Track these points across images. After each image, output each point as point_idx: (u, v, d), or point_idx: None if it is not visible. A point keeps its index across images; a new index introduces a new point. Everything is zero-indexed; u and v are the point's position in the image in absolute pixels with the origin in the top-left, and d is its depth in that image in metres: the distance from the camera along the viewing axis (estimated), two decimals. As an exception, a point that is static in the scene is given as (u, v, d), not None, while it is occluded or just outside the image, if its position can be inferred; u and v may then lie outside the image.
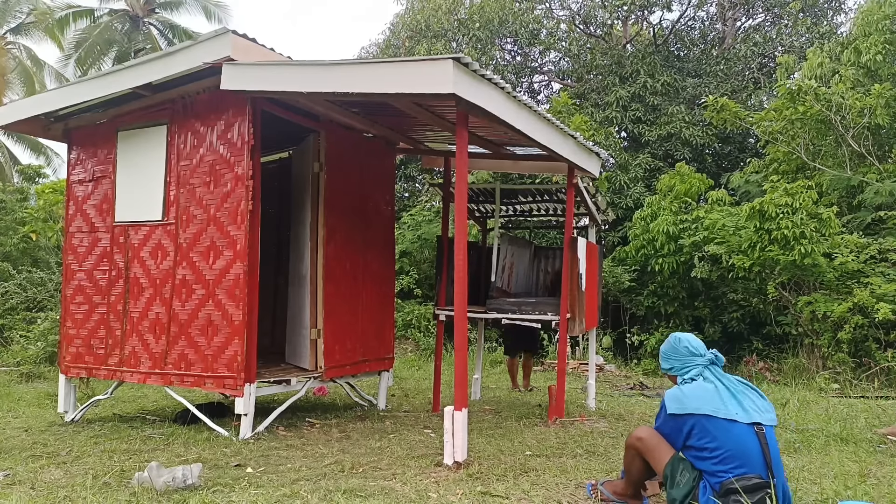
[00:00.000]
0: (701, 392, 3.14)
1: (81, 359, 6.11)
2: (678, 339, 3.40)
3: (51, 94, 6.57)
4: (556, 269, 7.47)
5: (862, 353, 9.53)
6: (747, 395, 3.16)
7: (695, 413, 3.08)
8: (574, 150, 5.80)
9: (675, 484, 3.12)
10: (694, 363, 3.29)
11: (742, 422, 3.04)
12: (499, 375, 10.21)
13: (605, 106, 17.41)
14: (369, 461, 4.38)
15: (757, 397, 3.19)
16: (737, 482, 2.95)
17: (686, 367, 3.30)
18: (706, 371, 3.26)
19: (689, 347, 3.32)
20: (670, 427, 3.20)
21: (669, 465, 3.18)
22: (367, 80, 4.35)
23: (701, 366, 3.27)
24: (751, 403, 3.12)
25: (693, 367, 3.28)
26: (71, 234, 6.33)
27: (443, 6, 19.57)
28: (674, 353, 3.37)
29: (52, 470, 4.25)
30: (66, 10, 23.01)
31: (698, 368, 3.27)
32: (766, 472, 3.00)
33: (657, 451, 3.24)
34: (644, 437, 3.30)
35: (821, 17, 18.95)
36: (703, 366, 3.28)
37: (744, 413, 3.07)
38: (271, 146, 6.80)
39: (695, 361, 3.29)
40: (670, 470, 3.17)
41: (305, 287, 6.02)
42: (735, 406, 3.08)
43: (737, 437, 3.02)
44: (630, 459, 3.39)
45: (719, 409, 3.06)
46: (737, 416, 3.04)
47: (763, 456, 3.01)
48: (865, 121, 11.29)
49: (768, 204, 10.06)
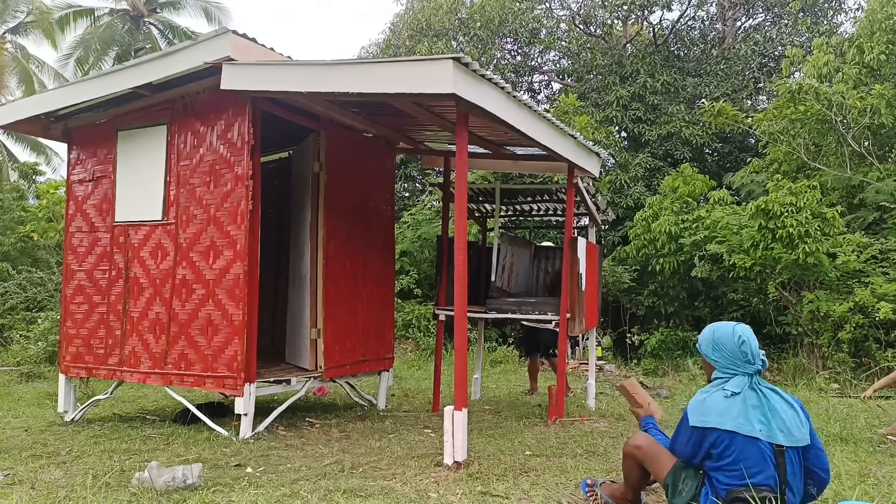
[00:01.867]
0: (726, 407, 2.90)
1: (81, 359, 6.12)
2: (739, 335, 3.01)
3: (51, 93, 6.57)
4: (556, 269, 7.47)
5: (862, 352, 9.52)
6: (775, 411, 2.92)
7: (718, 428, 2.88)
8: (574, 150, 5.80)
9: (678, 493, 3.06)
10: (742, 371, 2.97)
11: (763, 439, 2.86)
12: (499, 375, 10.21)
13: (605, 105, 17.40)
14: (369, 461, 4.38)
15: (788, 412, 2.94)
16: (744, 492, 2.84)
17: (732, 369, 2.99)
18: (747, 379, 2.96)
19: (748, 353, 2.97)
20: (693, 440, 2.98)
21: (671, 475, 3.11)
22: (367, 80, 4.35)
23: (748, 375, 2.97)
24: (778, 421, 2.89)
25: (739, 374, 2.97)
26: (71, 234, 6.33)
27: (444, 5, 19.57)
28: (728, 349, 3.01)
29: (52, 470, 4.26)
30: (67, 9, 23.01)
31: (744, 378, 2.96)
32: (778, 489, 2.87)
33: (657, 459, 3.18)
34: (643, 445, 3.24)
35: (821, 16, 18.95)
36: (750, 375, 2.97)
37: (767, 430, 2.87)
38: (271, 146, 6.80)
39: (744, 369, 2.97)
40: (672, 479, 3.10)
41: (305, 287, 6.02)
42: (760, 422, 2.88)
43: (756, 455, 2.86)
44: (629, 467, 3.34)
45: (743, 426, 2.85)
46: (760, 433, 2.85)
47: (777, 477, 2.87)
48: (867, 120, 11.29)
49: (773, 202, 10.05)
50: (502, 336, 13.26)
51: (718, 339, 3.05)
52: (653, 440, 3.25)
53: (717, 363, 3.04)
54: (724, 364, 3.01)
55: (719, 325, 3.16)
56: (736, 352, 2.99)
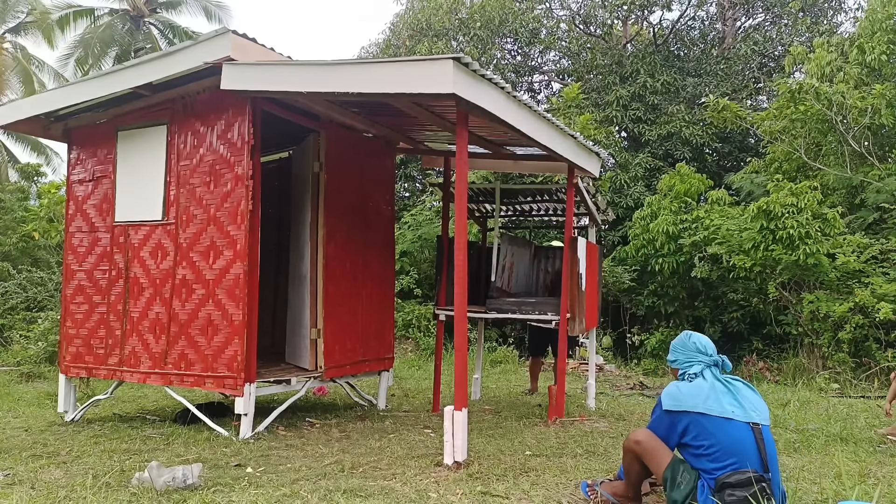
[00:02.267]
0: (696, 390, 3.19)
1: (81, 358, 6.11)
2: (689, 335, 3.47)
3: (51, 93, 6.57)
4: (556, 269, 7.47)
5: (862, 353, 9.53)
6: (744, 395, 3.20)
7: (690, 410, 3.13)
8: (574, 150, 5.80)
9: (676, 486, 3.13)
10: (697, 359, 3.34)
11: (738, 419, 3.08)
12: (499, 375, 10.21)
13: (605, 105, 17.41)
14: (369, 461, 4.38)
15: (754, 396, 3.23)
16: (731, 476, 2.99)
17: (689, 362, 3.36)
18: (707, 370, 3.30)
19: (697, 345, 3.38)
20: (666, 424, 3.24)
21: (670, 468, 3.18)
22: (367, 80, 4.35)
23: (703, 364, 3.32)
24: (748, 403, 3.16)
25: (696, 363, 3.33)
26: (71, 234, 6.32)
27: (444, 5, 19.57)
28: (682, 347, 3.43)
29: (52, 470, 4.26)
30: (67, 9, 23.01)
31: (700, 366, 3.31)
32: (762, 468, 3.03)
33: (656, 454, 3.25)
34: (642, 440, 3.30)
35: (820, 16, 18.96)
36: (706, 365, 3.32)
37: (741, 411, 3.11)
38: (271, 146, 6.79)
39: (698, 358, 3.34)
40: (671, 473, 3.17)
41: (305, 287, 6.02)
42: (731, 404, 3.12)
43: (732, 435, 3.06)
44: (629, 462, 3.40)
45: (713, 408, 3.11)
46: (733, 415, 3.09)
47: (759, 453, 3.05)
48: (867, 120, 11.29)
49: (774, 203, 10.05)
50: (502, 336, 13.26)
51: (673, 344, 3.52)
52: (652, 435, 3.30)
53: (678, 361, 3.44)
54: (683, 360, 3.40)
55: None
56: (688, 344, 3.42)
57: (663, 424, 3.25)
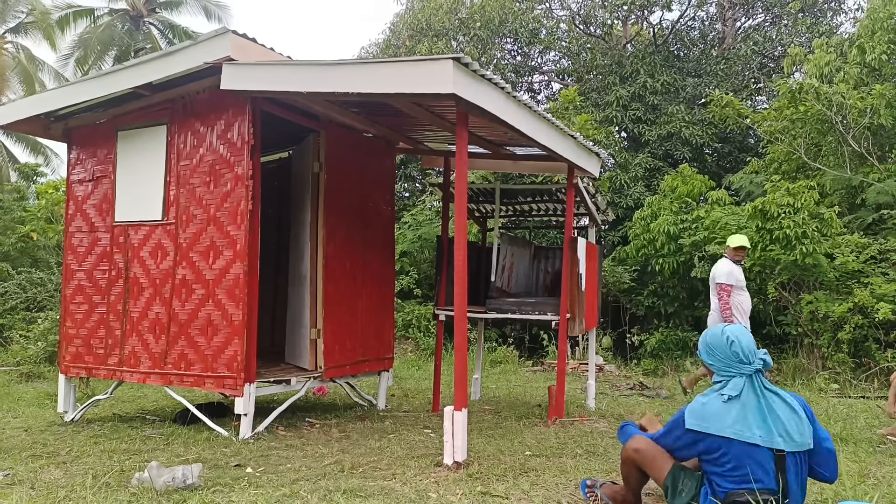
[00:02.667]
0: (725, 413, 2.94)
1: (81, 359, 6.11)
2: (730, 341, 3.06)
3: (51, 93, 6.56)
4: (556, 269, 7.47)
5: (862, 353, 9.52)
6: (777, 415, 2.94)
7: (715, 434, 2.93)
8: (574, 150, 5.80)
9: (678, 493, 3.07)
10: (739, 371, 3.01)
11: (763, 446, 2.89)
12: (499, 375, 10.21)
13: (605, 105, 17.40)
14: (369, 461, 4.38)
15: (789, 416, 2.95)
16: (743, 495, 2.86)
17: (729, 371, 3.04)
18: (747, 381, 3.00)
19: (740, 354, 3.02)
20: (684, 440, 3.04)
21: (670, 476, 3.11)
22: (367, 80, 4.35)
23: (745, 375, 3.00)
24: (780, 426, 2.92)
25: (736, 375, 3.01)
26: (71, 234, 6.32)
27: (444, 5, 19.57)
28: (721, 353, 3.07)
29: (51, 470, 4.25)
30: (67, 9, 23.02)
31: (742, 379, 3.00)
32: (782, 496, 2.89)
33: (656, 463, 3.17)
34: (641, 448, 3.23)
35: (820, 17, 18.95)
36: (748, 375, 3.01)
37: (768, 436, 2.90)
38: (271, 146, 6.80)
39: (740, 370, 3.01)
40: (671, 481, 3.11)
41: (305, 287, 6.02)
42: (760, 427, 2.91)
43: (755, 460, 2.89)
44: (627, 471, 3.35)
45: (741, 433, 2.89)
46: (760, 440, 2.89)
47: (776, 481, 2.90)
48: (867, 121, 11.28)
49: (770, 203, 10.05)
50: (502, 336, 13.26)
51: (710, 343, 3.14)
52: (651, 443, 3.23)
53: (714, 366, 3.11)
54: (721, 367, 3.07)
55: (711, 329, 3.24)
56: (727, 353, 3.05)
57: (682, 441, 3.06)
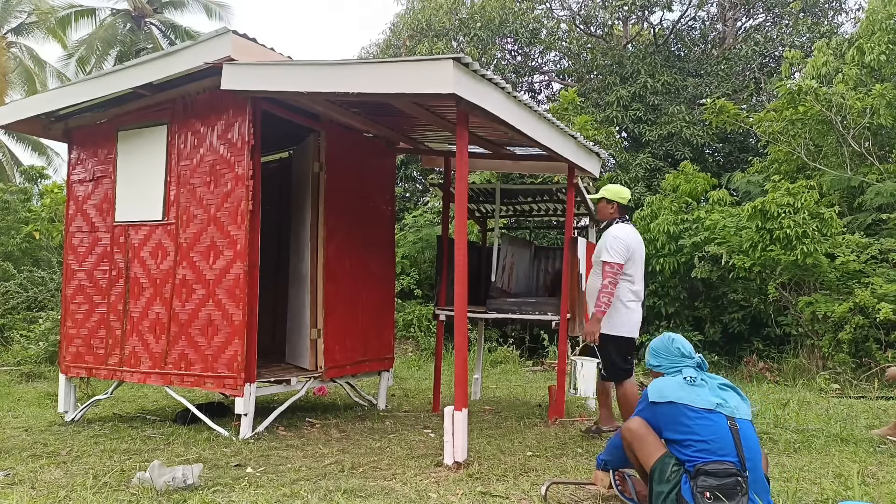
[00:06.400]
0: (679, 387, 3.23)
1: (81, 358, 6.12)
2: (671, 339, 3.46)
3: (51, 93, 6.57)
4: (556, 269, 7.47)
5: (862, 353, 9.51)
6: (727, 393, 3.24)
7: (675, 402, 3.16)
8: (574, 151, 5.80)
9: (666, 480, 3.13)
10: (683, 364, 3.36)
11: (721, 412, 3.13)
12: (499, 375, 10.21)
13: (605, 106, 17.39)
14: (369, 461, 4.39)
15: (735, 396, 3.26)
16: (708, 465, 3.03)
17: (674, 366, 3.37)
18: (693, 371, 3.33)
19: (681, 349, 3.39)
20: (650, 415, 3.27)
21: (660, 462, 3.18)
22: (367, 80, 4.35)
23: (690, 367, 3.34)
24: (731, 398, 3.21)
25: (682, 367, 3.35)
26: (71, 234, 6.33)
27: (444, 6, 19.56)
28: (665, 352, 3.43)
29: (52, 470, 4.26)
30: (68, 9, 23.04)
31: (687, 371, 3.32)
32: (740, 466, 3.06)
33: (644, 443, 3.25)
34: (633, 427, 3.32)
35: (821, 17, 18.93)
36: (692, 367, 3.34)
37: (724, 406, 3.16)
38: (271, 146, 6.80)
39: (684, 363, 3.36)
40: (660, 466, 3.17)
41: (305, 287, 6.02)
42: (712, 397, 3.17)
43: (713, 428, 3.09)
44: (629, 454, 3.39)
45: (697, 400, 3.15)
46: (717, 407, 3.14)
47: (736, 449, 3.08)
48: (866, 121, 11.28)
49: (770, 203, 10.04)
50: (502, 336, 13.26)
51: (656, 347, 3.49)
52: (644, 423, 3.30)
53: (662, 366, 3.42)
54: (667, 365, 3.40)
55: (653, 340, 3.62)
56: (671, 349, 3.41)
57: (645, 413, 3.30)
